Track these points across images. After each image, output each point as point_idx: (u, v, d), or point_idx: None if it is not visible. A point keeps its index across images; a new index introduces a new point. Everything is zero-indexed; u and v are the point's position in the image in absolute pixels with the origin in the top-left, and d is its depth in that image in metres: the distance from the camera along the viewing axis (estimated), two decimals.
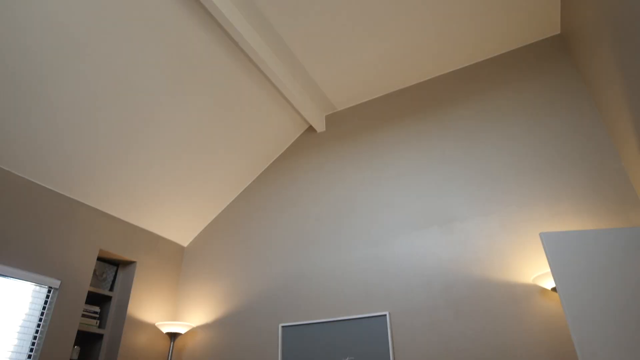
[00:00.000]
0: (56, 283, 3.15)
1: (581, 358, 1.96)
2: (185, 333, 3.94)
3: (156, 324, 3.77)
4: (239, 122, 3.85)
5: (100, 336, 3.57)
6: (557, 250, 2.24)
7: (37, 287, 3.07)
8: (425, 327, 2.92)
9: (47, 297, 3.12)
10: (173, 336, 3.72)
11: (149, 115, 3.34)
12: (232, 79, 3.51)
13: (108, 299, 3.75)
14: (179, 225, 4.26)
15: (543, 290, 2.63)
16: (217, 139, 3.84)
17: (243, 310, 3.75)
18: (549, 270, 2.52)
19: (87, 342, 3.60)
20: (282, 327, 3.43)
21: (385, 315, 3.06)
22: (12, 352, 2.84)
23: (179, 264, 4.35)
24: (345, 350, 3.09)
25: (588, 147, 2.90)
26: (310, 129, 4.37)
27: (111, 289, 3.81)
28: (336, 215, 3.70)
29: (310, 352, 3.23)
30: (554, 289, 2.47)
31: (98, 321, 3.60)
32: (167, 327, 3.68)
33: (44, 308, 3.08)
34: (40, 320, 3.04)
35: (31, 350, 2.94)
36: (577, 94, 3.12)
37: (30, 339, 2.96)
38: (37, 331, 3.00)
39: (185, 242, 4.44)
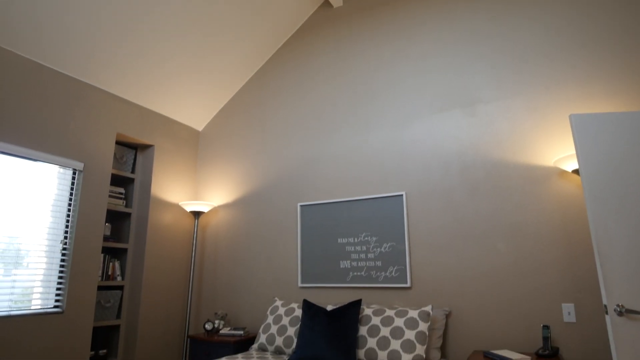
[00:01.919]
0: (79, 165, 3.22)
1: (595, 238, 2.03)
2: (208, 211, 4.14)
3: (180, 203, 3.96)
4: None
5: (128, 215, 3.78)
6: (585, 132, 2.18)
7: (62, 170, 3.16)
8: (440, 207, 3.01)
9: (73, 178, 3.23)
10: (196, 214, 3.92)
11: None
12: None
13: (131, 180, 3.88)
14: (193, 110, 4.20)
15: (563, 172, 2.64)
16: (226, 16, 3.56)
17: (261, 190, 3.88)
18: (572, 152, 2.49)
19: (117, 219, 3.82)
20: (301, 206, 3.58)
21: (402, 195, 3.15)
22: (49, 228, 3.04)
23: (195, 147, 4.40)
24: (362, 227, 3.25)
25: (627, 25, 2.65)
26: (326, 3, 4.01)
27: (132, 172, 3.92)
28: (354, 97, 3.59)
29: (328, 229, 3.40)
30: (575, 171, 2.47)
31: (124, 201, 3.78)
32: (190, 206, 3.86)
33: (71, 189, 3.21)
34: (70, 200, 3.19)
35: (66, 227, 3.14)
36: None
37: (64, 217, 3.14)
38: (69, 210, 3.17)
39: (199, 126, 4.42)
